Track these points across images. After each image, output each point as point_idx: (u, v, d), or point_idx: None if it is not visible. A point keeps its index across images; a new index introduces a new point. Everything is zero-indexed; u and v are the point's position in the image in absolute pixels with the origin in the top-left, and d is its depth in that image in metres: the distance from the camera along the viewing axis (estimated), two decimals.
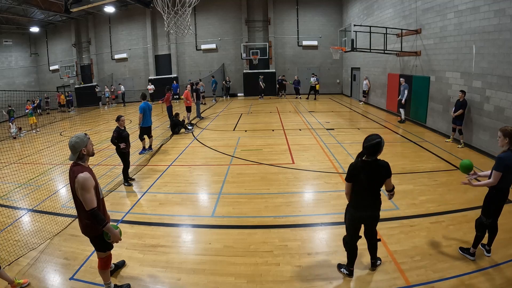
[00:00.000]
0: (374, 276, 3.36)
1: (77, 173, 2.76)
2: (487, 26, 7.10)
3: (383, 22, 13.13)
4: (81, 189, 2.72)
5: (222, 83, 21.04)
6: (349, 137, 9.42)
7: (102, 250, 3.08)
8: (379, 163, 3.02)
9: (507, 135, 3.14)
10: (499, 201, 3.30)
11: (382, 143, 2.94)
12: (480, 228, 3.42)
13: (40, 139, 11.47)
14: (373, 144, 2.91)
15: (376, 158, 3.01)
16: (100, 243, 3.02)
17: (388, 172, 3.03)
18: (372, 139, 2.94)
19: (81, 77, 22.77)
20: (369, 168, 3.01)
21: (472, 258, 3.44)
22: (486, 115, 7.34)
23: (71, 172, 2.85)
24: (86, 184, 2.72)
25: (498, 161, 3.17)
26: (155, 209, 5.22)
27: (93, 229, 2.91)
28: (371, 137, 2.98)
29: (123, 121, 6.30)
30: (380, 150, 2.96)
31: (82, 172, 2.76)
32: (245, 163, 7.45)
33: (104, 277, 3.19)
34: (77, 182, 2.73)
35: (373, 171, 3.01)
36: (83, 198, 2.73)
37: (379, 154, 2.99)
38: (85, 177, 2.74)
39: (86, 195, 2.72)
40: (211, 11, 21.00)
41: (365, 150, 2.97)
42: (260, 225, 4.50)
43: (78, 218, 2.99)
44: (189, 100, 11.70)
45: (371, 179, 3.03)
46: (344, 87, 20.98)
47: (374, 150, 2.94)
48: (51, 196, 6.02)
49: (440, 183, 5.76)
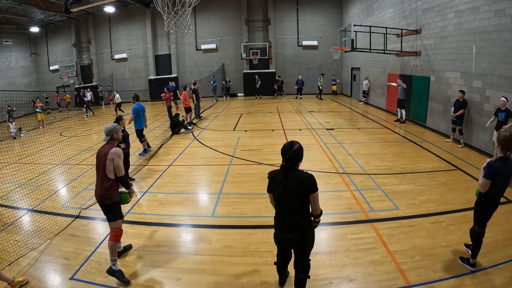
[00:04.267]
0: (374, 276, 3.36)
1: (111, 147, 3.49)
2: (487, 26, 7.10)
3: (383, 22, 13.13)
4: (118, 157, 3.43)
5: (222, 83, 21.06)
6: (349, 137, 9.42)
7: (115, 218, 3.55)
8: (298, 175, 2.55)
9: (498, 141, 3.07)
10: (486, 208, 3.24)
11: (302, 150, 2.60)
12: (475, 238, 3.36)
13: (40, 139, 11.48)
14: (294, 153, 2.53)
15: (296, 169, 2.59)
16: (117, 210, 3.55)
17: (308, 186, 2.52)
18: (291, 147, 2.55)
19: (81, 77, 22.77)
20: (285, 180, 2.56)
21: (472, 269, 3.35)
22: (486, 115, 7.34)
23: (101, 150, 3.53)
24: (120, 154, 3.47)
25: (487, 168, 3.07)
26: (155, 209, 5.22)
27: (114, 195, 3.50)
28: (289, 144, 2.59)
29: (123, 121, 6.28)
30: (300, 158, 2.57)
31: (115, 147, 3.53)
32: (245, 163, 7.45)
33: (113, 251, 3.48)
34: (113, 153, 3.43)
35: (289, 184, 2.55)
36: (119, 165, 3.43)
37: (300, 163, 2.61)
38: (118, 150, 3.51)
39: (120, 163, 3.44)
40: (211, 11, 21.01)
41: (287, 161, 2.55)
42: (260, 225, 4.50)
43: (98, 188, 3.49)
44: (187, 101, 11.68)
45: (285, 194, 2.58)
46: (344, 87, 20.98)
47: (297, 159, 2.56)
48: (51, 196, 6.02)
49: (440, 183, 5.76)
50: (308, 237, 2.68)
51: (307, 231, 2.67)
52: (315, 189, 2.55)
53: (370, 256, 3.68)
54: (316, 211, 2.64)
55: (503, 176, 3.09)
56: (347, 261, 3.61)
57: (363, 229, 4.30)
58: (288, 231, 2.67)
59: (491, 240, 3.79)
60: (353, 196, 5.35)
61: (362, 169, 6.66)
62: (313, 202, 2.59)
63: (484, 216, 3.29)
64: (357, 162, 7.09)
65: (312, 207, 2.63)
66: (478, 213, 3.32)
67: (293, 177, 2.55)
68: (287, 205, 2.63)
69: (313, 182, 2.54)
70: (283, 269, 3.14)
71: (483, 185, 3.12)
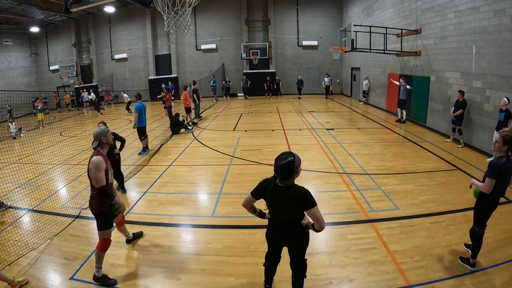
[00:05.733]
0: (374, 276, 3.36)
1: (94, 155, 3.32)
2: (487, 26, 7.10)
3: (383, 22, 13.13)
4: (94, 168, 3.24)
5: (222, 83, 21.07)
6: (349, 137, 9.42)
7: (101, 228, 3.43)
8: (293, 191, 2.35)
9: (507, 143, 3.00)
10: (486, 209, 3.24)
11: (297, 163, 2.33)
12: (475, 238, 3.36)
13: (40, 139, 11.48)
14: (283, 165, 2.29)
15: (292, 184, 2.39)
16: (104, 220, 3.42)
17: (303, 203, 2.32)
18: (282, 159, 2.32)
19: (81, 77, 22.77)
20: (276, 194, 2.40)
21: (472, 269, 3.34)
22: (486, 115, 7.34)
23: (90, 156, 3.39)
24: (98, 165, 3.26)
25: (491, 167, 3.04)
26: (155, 209, 5.22)
27: (100, 205, 3.36)
28: (281, 156, 2.36)
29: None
30: (293, 171, 2.32)
31: (97, 156, 3.32)
32: (245, 163, 7.45)
33: (99, 259, 3.44)
34: (91, 162, 3.28)
35: (280, 199, 2.38)
36: (95, 176, 3.24)
37: (295, 177, 2.39)
38: (98, 159, 3.29)
39: (97, 174, 3.24)
40: (211, 11, 21.01)
41: (276, 173, 2.36)
42: (260, 225, 4.49)
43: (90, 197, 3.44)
44: (188, 101, 11.69)
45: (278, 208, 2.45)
46: (344, 87, 20.99)
47: (287, 173, 2.31)
48: (51, 196, 6.02)
49: (440, 183, 5.76)
50: (304, 239, 2.63)
51: (303, 236, 2.60)
52: (310, 205, 2.31)
53: (370, 256, 3.68)
54: (320, 227, 2.34)
55: (504, 176, 3.09)
56: (347, 261, 3.61)
57: (363, 229, 4.30)
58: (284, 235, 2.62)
59: (491, 240, 3.79)
60: (353, 196, 5.35)
61: (362, 169, 6.65)
62: (314, 219, 2.34)
63: (485, 217, 3.28)
64: (357, 162, 7.09)
65: (315, 225, 2.37)
66: (478, 213, 3.31)
67: (284, 193, 2.36)
68: (280, 217, 2.55)
69: (306, 198, 2.32)
70: (272, 269, 3.00)
71: (487, 185, 3.07)
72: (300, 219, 2.56)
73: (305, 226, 2.56)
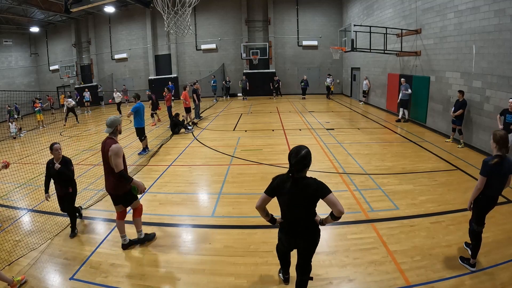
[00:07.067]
0: (374, 276, 3.36)
1: (112, 144, 3.61)
2: (487, 26, 7.10)
3: (383, 22, 13.13)
4: (114, 155, 3.55)
5: (222, 83, 21.06)
6: (349, 137, 9.42)
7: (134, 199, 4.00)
8: (308, 181, 2.48)
9: (495, 141, 3.11)
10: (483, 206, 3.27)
11: (310, 155, 2.48)
12: (474, 236, 3.37)
13: (40, 139, 11.47)
14: (304, 156, 2.42)
15: (304, 176, 2.50)
16: (131, 195, 3.91)
17: (319, 191, 2.44)
18: (299, 151, 2.44)
19: (81, 77, 22.76)
20: (292, 186, 2.48)
21: (472, 269, 3.34)
22: (486, 115, 7.34)
23: (104, 144, 3.71)
24: (118, 152, 3.59)
25: (482, 165, 3.16)
26: (155, 209, 5.21)
27: (121, 187, 3.78)
28: (296, 149, 2.48)
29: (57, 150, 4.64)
30: (307, 163, 2.45)
31: (115, 144, 3.63)
32: (245, 163, 7.45)
33: (138, 225, 4.07)
34: (111, 150, 3.56)
35: (299, 192, 2.48)
36: (115, 162, 3.55)
37: (307, 169, 2.50)
38: (118, 146, 3.62)
39: (118, 160, 3.56)
40: (211, 11, 21.00)
41: (294, 167, 2.44)
42: (260, 225, 4.50)
43: (107, 181, 3.81)
44: (187, 101, 11.69)
45: (293, 200, 2.52)
46: (344, 87, 20.98)
47: (303, 164, 2.44)
48: (51, 196, 6.00)
49: (440, 183, 5.76)
50: (317, 238, 2.70)
51: (316, 236, 2.68)
52: (326, 192, 2.43)
53: (370, 256, 3.68)
54: (339, 212, 2.42)
55: (499, 175, 3.11)
56: (347, 261, 3.62)
57: (363, 229, 4.30)
58: (298, 236, 2.65)
59: (491, 240, 3.79)
60: (353, 196, 5.35)
61: (362, 169, 6.65)
62: (332, 205, 2.42)
63: (483, 215, 3.30)
64: (357, 162, 7.09)
65: (334, 210, 2.44)
66: (476, 211, 3.33)
67: (303, 185, 2.46)
68: (296, 212, 2.58)
69: (321, 186, 2.46)
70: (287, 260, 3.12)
71: (477, 182, 3.18)
72: (313, 216, 2.63)
73: (319, 223, 2.66)
